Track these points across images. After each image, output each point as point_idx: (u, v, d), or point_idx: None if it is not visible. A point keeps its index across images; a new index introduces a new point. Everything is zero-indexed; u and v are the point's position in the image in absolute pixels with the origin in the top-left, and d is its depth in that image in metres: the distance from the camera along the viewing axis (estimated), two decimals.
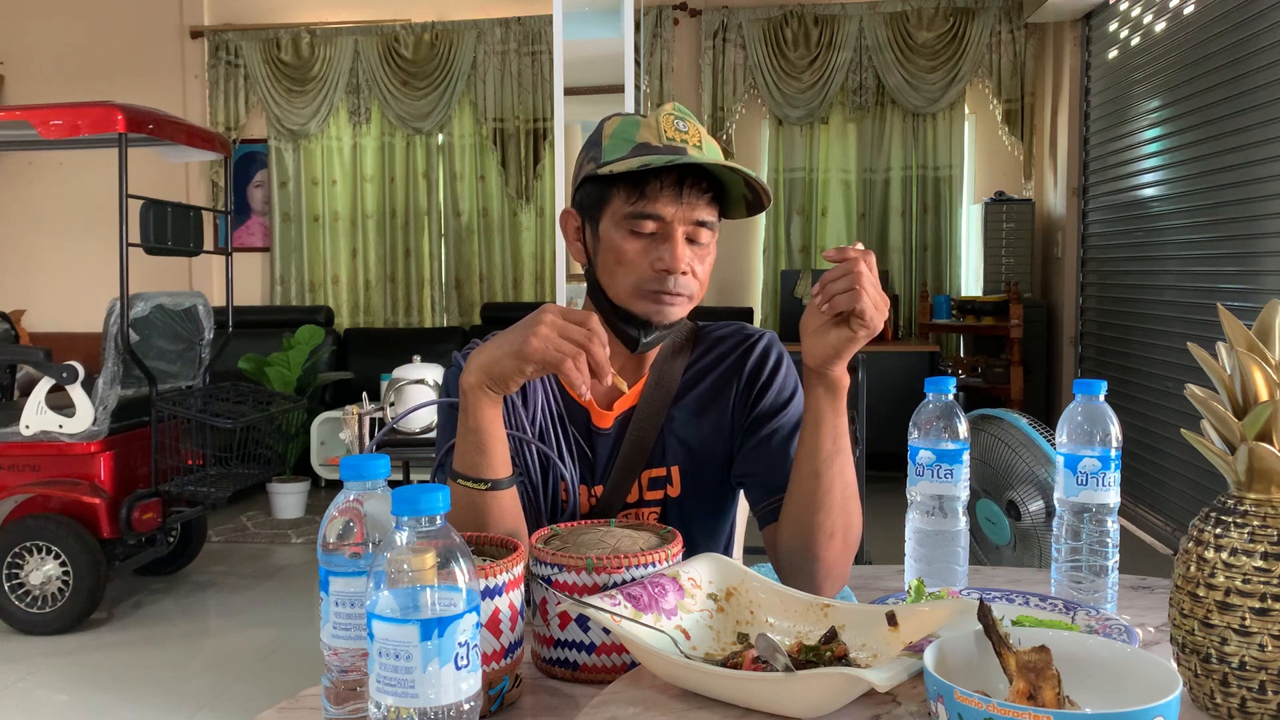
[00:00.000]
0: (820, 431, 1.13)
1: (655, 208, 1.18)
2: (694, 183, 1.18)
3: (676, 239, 1.18)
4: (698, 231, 1.20)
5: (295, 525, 5.05)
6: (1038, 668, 0.76)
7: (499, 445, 1.10)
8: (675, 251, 1.18)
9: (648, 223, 1.18)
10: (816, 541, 1.14)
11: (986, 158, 6.25)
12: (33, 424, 3.63)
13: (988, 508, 1.95)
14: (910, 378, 5.37)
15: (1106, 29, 5.16)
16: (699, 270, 1.21)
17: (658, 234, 1.19)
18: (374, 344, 6.19)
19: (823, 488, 1.14)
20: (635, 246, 1.19)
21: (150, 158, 4.49)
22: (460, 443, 1.10)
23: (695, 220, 1.19)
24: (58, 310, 6.58)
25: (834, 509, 1.14)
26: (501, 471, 1.10)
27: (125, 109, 3.68)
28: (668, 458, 1.28)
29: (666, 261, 1.18)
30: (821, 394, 1.12)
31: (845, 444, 1.14)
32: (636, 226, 1.19)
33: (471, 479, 1.09)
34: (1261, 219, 3.56)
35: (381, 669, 0.71)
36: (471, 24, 6.32)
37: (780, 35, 6.11)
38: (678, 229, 1.18)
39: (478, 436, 1.09)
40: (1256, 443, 0.84)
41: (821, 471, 1.13)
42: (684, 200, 1.18)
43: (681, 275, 1.18)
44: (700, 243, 1.21)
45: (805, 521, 1.15)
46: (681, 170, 1.18)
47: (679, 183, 1.17)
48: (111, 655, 3.42)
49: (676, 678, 0.88)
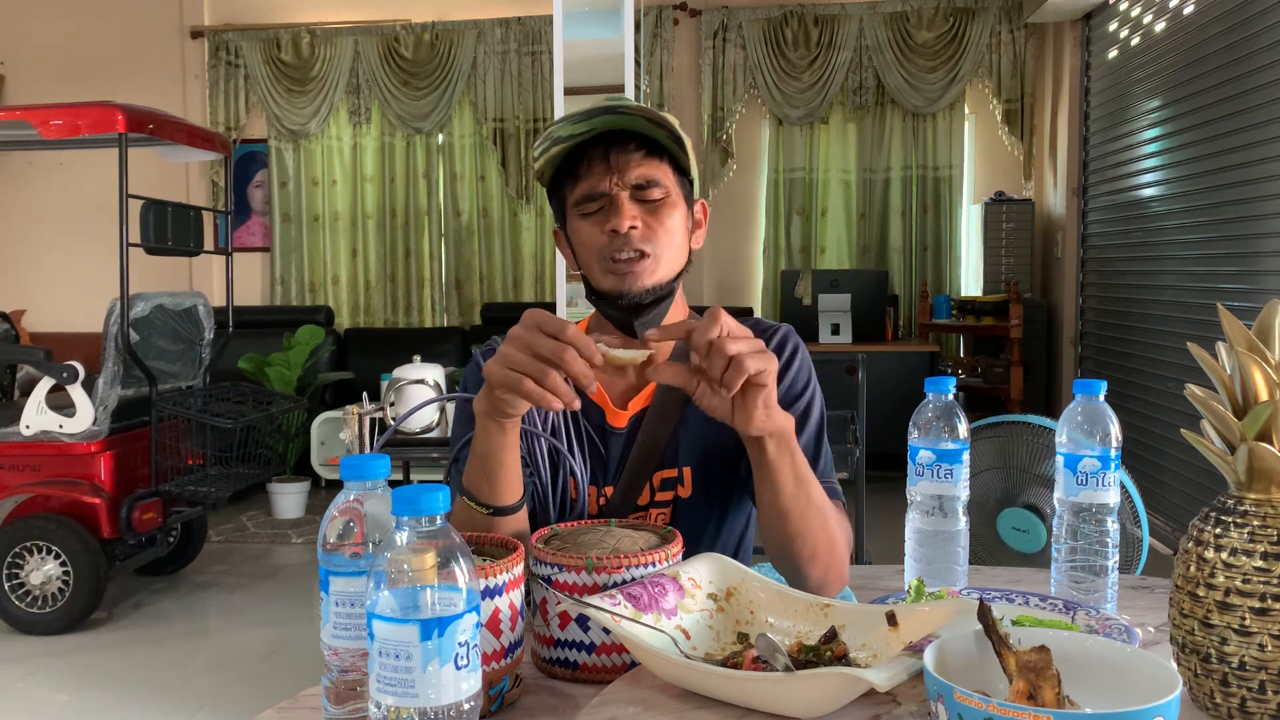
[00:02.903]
0: (779, 482, 1.09)
1: (591, 185, 1.19)
2: (621, 148, 1.18)
3: (619, 201, 1.18)
4: (646, 192, 1.19)
5: (295, 525, 5.05)
6: (1038, 668, 0.76)
7: (504, 472, 1.08)
8: (619, 211, 1.17)
9: (590, 203, 1.20)
10: (801, 563, 1.13)
11: (986, 158, 6.25)
12: (33, 424, 3.63)
13: (1015, 516, 1.86)
14: (910, 378, 5.37)
15: (1106, 29, 5.16)
16: (658, 226, 1.19)
17: (606, 208, 1.19)
18: (374, 344, 6.20)
19: (793, 523, 1.11)
20: (589, 227, 1.20)
21: (150, 158, 4.49)
22: (470, 459, 1.10)
23: (634, 181, 1.19)
24: (58, 310, 6.58)
25: (811, 536, 1.12)
26: (506, 498, 1.09)
27: (125, 109, 3.68)
28: (680, 458, 1.26)
29: (613, 221, 1.17)
30: (771, 449, 1.07)
31: (806, 473, 1.11)
32: (585, 209, 1.20)
33: (476, 501, 1.09)
34: (1261, 219, 3.56)
35: (381, 669, 0.71)
36: (471, 24, 6.32)
37: (780, 35, 6.11)
38: (620, 194, 1.18)
39: (483, 462, 1.08)
40: (1256, 443, 0.84)
41: (789, 510, 1.10)
42: (614, 166, 1.18)
43: (633, 231, 1.17)
44: (652, 200, 1.20)
45: (785, 552, 1.14)
46: (607, 141, 1.18)
47: (606, 153, 1.18)
48: (111, 655, 3.42)
49: (676, 678, 0.88)
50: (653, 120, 1.17)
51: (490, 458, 1.07)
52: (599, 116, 1.16)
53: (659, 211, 1.20)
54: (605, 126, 1.18)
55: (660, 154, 1.21)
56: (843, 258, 6.28)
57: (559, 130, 1.18)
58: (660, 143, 1.20)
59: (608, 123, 1.17)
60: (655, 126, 1.18)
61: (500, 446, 1.06)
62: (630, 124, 1.18)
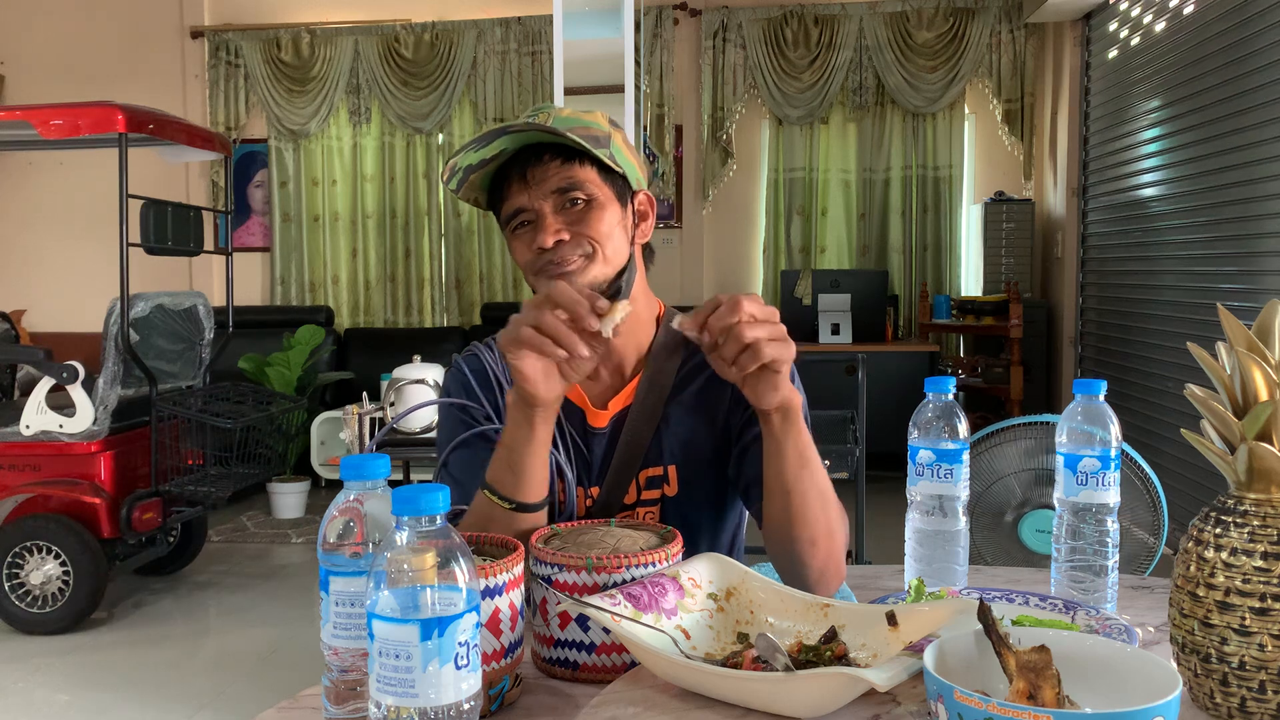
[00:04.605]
0: (784, 455, 1.10)
1: (514, 202, 1.20)
2: (537, 161, 1.18)
3: (542, 215, 1.18)
4: (568, 197, 1.19)
5: (295, 525, 5.05)
6: (1038, 668, 0.76)
7: (531, 467, 1.08)
8: (542, 226, 1.18)
9: (516, 219, 1.21)
10: (800, 550, 1.13)
11: (986, 158, 6.25)
12: (33, 424, 3.63)
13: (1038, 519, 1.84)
14: (910, 378, 5.37)
15: (1106, 29, 5.16)
16: (588, 230, 1.18)
17: (533, 222, 1.20)
18: (374, 344, 6.20)
19: (795, 503, 1.11)
20: (521, 243, 1.21)
21: (150, 158, 4.49)
22: (496, 452, 1.10)
23: (554, 190, 1.19)
24: (58, 310, 6.58)
25: (811, 519, 1.12)
26: (532, 495, 1.09)
27: (125, 109, 3.68)
28: (664, 457, 1.26)
29: (538, 239, 1.18)
30: (776, 422, 1.08)
31: (811, 453, 1.11)
32: (515, 228, 1.21)
33: (499, 495, 1.08)
34: (1261, 219, 3.56)
35: (381, 669, 0.71)
36: (471, 24, 6.32)
37: (780, 35, 6.11)
38: (543, 206, 1.18)
39: (509, 454, 1.08)
40: (1256, 443, 0.84)
41: (792, 488, 1.11)
42: (530, 181, 1.18)
43: (561, 244, 1.17)
44: (576, 207, 1.19)
45: (786, 535, 1.14)
46: (522, 159, 1.19)
47: (523, 170, 1.18)
48: (111, 655, 3.42)
49: (676, 678, 0.88)
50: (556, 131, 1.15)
51: (515, 449, 1.07)
52: (500, 138, 1.16)
53: (587, 217, 1.19)
54: (516, 145, 1.18)
55: (580, 158, 1.20)
56: (843, 258, 6.28)
57: (463, 159, 1.18)
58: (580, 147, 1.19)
59: (518, 140, 1.17)
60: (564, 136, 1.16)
61: (527, 439, 1.07)
62: (538, 137, 1.17)
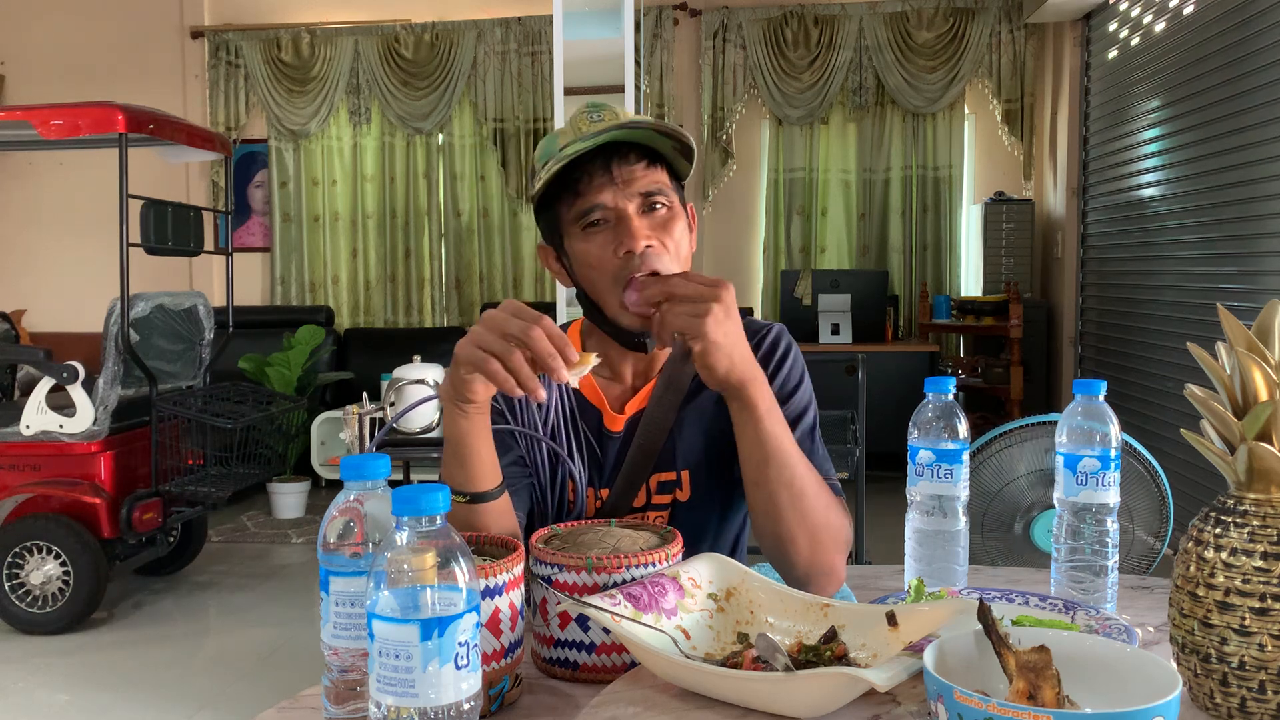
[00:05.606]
0: (744, 444, 1.10)
1: (593, 199, 1.16)
2: (622, 160, 1.16)
3: (629, 217, 1.15)
4: (650, 201, 1.17)
5: (295, 525, 5.05)
6: (1038, 668, 0.76)
7: (477, 458, 1.05)
8: (630, 229, 1.14)
9: (594, 214, 1.16)
10: (776, 546, 1.13)
11: (986, 158, 6.25)
12: (33, 424, 3.63)
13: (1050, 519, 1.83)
14: (910, 378, 5.37)
15: (1106, 29, 5.16)
16: (669, 241, 1.16)
17: (610, 223, 1.16)
18: (374, 344, 6.20)
19: (764, 496, 1.10)
20: (595, 244, 1.17)
21: (150, 158, 4.49)
22: (444, 452, 1.08)
23: (640, 192, 1.16)
24: (58, 310, 6.58)
25: (785, 516, 1.10)
26: (483, 484, 1.06)
27: (125, 109, 3.68)
28: (678, 461, 1.25)
29: (626, 242, 1.14)
30: (733, 409, 1.09)
31: (778, 448, 1.09)
32: (588, 224, 1.17)
33: (454, 491, 1.06)
34: (1261, 219, 3.56)
35: (381, 669, 0.71)
36: (471, 24, 6.32)
37: (780, 35, 6.11)
38: (627, 207, 1.15)
39: (454, 448, 1.05)
40: (1256, 443, 0.84)
41: (759, 481, 1.10)
42: (617, 180, 1.15)
43: (648, 249, 1.14)
44: (658, 213, 1.17)
45: (757, 528, 1.13)
46: (606, 153, 1.15)
47: (607, 166, 1.15)
48: (111, 655, 3.42)
49: (676, 678, 0.88)
50: (659, 130, 1.14)
51: (459, 442, 1.04)
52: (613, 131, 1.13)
53: (669, 225, 1.17)
54: (624, 138, 1.15)
55: (659, 161, 1.18)
56: (843, 258, 6.28)
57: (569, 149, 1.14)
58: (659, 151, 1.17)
59: (613, 137, 1.14)
60: (660, 136, 1.15)
61: (468, 431, 1.03)
62: (632, 136, 1.15)
